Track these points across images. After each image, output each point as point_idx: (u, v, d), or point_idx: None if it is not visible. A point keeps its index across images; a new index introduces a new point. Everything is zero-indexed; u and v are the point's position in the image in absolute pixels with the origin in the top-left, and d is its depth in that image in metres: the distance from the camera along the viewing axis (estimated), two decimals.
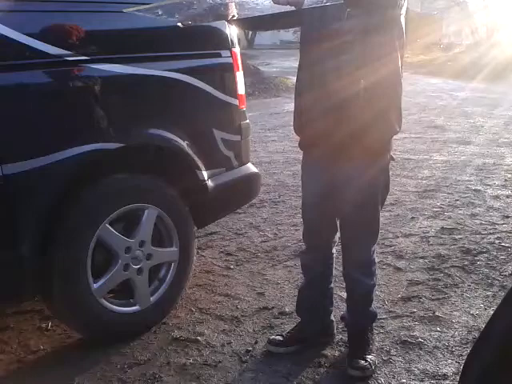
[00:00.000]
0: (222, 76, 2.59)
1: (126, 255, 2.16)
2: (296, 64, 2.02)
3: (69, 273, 2.02)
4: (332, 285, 2.18)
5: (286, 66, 14.03)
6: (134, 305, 2.24)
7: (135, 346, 2.19)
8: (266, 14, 1.79)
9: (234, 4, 1.79)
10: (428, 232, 3.33)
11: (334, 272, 2.19)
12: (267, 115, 8.16)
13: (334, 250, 2.13)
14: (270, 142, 6.34)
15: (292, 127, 2.03)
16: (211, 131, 2.52)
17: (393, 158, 1.98)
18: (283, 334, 2.17)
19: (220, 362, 2.07)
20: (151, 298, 2.29)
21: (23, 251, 1.87)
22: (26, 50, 1.84)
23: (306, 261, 2.15)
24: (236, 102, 2.63)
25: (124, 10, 1.82)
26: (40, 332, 2.34)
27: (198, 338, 2.23)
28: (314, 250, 2.09)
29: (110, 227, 2.11)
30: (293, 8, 1.62)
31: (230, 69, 2.59)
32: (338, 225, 2.05)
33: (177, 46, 2.35)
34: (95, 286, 2.09)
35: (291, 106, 2.08)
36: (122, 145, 2.10)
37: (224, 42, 2.56)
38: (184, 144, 2.34)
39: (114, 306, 2.19)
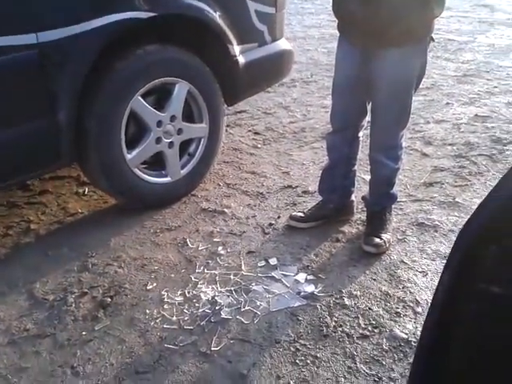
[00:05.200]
0: None
1: (157, 129, 2.23)
2: None
3: (104, 142, 2.11)
4: (355, 167, 2.21)
5: None
6: (166, 176, 2.37)
7: (167, 213, 2.35)
8: None
9: None
10: (461, 119, 3.26)
11: (360, 155, 2.22)
12: None
13: (360, 134, 2.14)
14: (307, 14, 6.02)
15: None
16: (244, 2, 2.41)
17: (432, 39, 1.89)
18: (305, 211, 2.27)
19: (244, 232, 2.22)
20: (181, 171, 2.41)
21: (60, 119, 1.94)
22: None
23: (332, 142, 2.16)
24: None
25: None
26: (77, 196, 2.51)
27: (225, 209, 2.37)
28: (340, 131, 2.09)
29: (142, 100, 2.15)
30: None
31: None
32: (369, 108, 2.03)
33: None
34: (129, 156, 2.20)
35: None
36: (153, 14, 2.05)
37: None
38: (216, 15, 2.26)
39: (147, 176, 2.31)
